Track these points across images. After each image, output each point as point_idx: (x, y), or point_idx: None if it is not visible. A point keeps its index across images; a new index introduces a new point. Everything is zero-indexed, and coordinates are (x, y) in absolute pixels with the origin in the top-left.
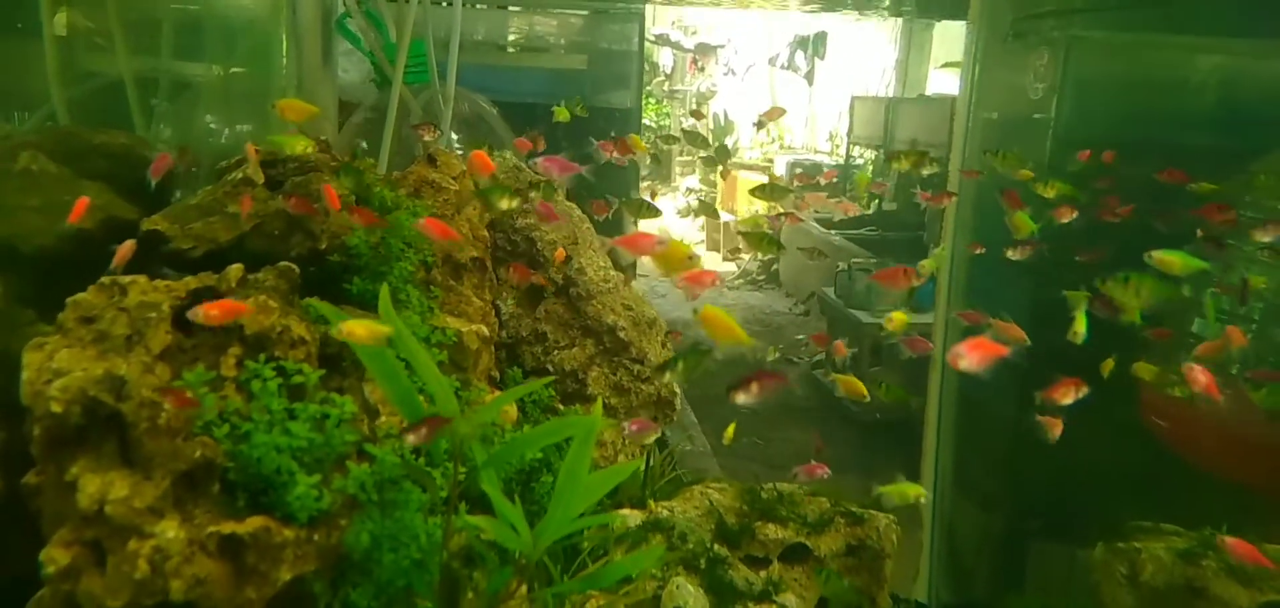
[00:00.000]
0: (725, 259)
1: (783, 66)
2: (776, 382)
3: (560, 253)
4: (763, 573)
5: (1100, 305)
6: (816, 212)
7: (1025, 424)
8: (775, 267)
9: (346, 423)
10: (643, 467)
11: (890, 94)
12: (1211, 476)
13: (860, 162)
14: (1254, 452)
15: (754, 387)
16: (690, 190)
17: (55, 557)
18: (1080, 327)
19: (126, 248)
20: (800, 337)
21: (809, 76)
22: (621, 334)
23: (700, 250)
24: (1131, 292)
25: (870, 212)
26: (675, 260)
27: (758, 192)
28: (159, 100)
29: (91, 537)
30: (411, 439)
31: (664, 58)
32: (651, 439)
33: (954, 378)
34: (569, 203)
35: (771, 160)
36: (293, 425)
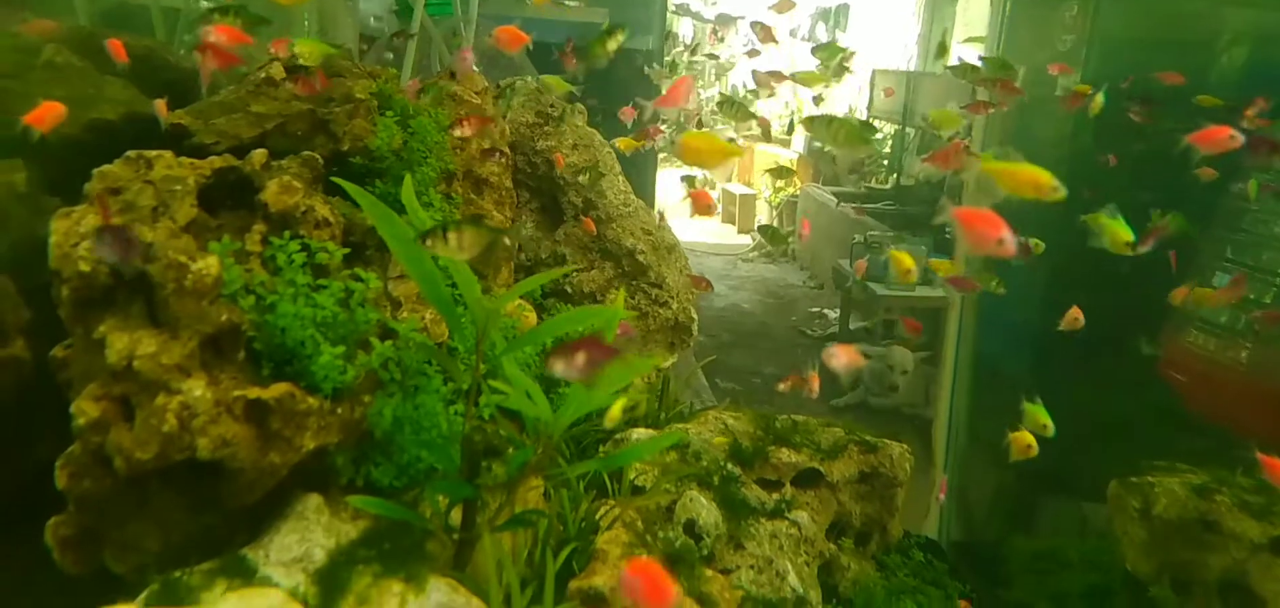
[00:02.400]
0: (740, 232)
1: (804, 39)
2: (604, 354)
3: (559, 158)
4: (775, 495)
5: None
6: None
7: (1040, 384)
8: (791, 239)
9: (370, 302)
10: (660, 389)
11: (912, 68)
12: (1228, 431)
13: (880, 135)
14: (1274, 405)
15: (579, 357)
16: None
17: (85, 409)
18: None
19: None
20: (814, 309)
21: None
22: (640, 258)
23: (716, 223)
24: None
25: (888, 186)
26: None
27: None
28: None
29: (120, 392)
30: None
31: (684, 28)
32: (669, 364)
33: (970, 338)
34: (591, 128)
35: (790, 133)
36: (318, 297)
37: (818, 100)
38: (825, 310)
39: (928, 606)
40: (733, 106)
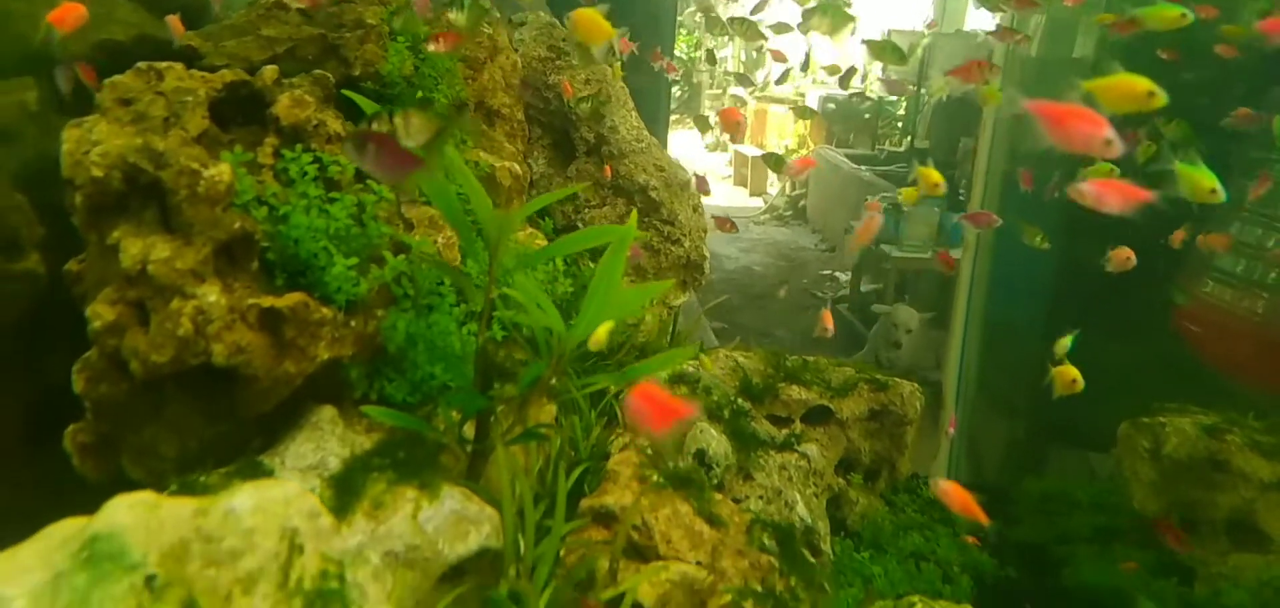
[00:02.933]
0: (752, 195)
1: None
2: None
3: (567, 87)
4: (785, 431)
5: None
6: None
7: (1050, 339)
8: (802, 202)
9: (383, 218)
10: (671, 327)
11: (927, 29)
12: (1242, 385)
13: (893, 97)
14: None
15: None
16: (716, 125)
17: (101, 312)
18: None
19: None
20: (825, 272)
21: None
22: (653, 194)
23: (727, 186)
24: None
25: (902, 149)
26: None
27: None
28: None
29: (135, 297)
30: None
31: None
32: (679, 303)
33: (981, 297)
34: (602, 65)
35: (803, 94)
36: (331, 209)
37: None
38: (836, 273)
39: (935, 542)
40: (744, 26)
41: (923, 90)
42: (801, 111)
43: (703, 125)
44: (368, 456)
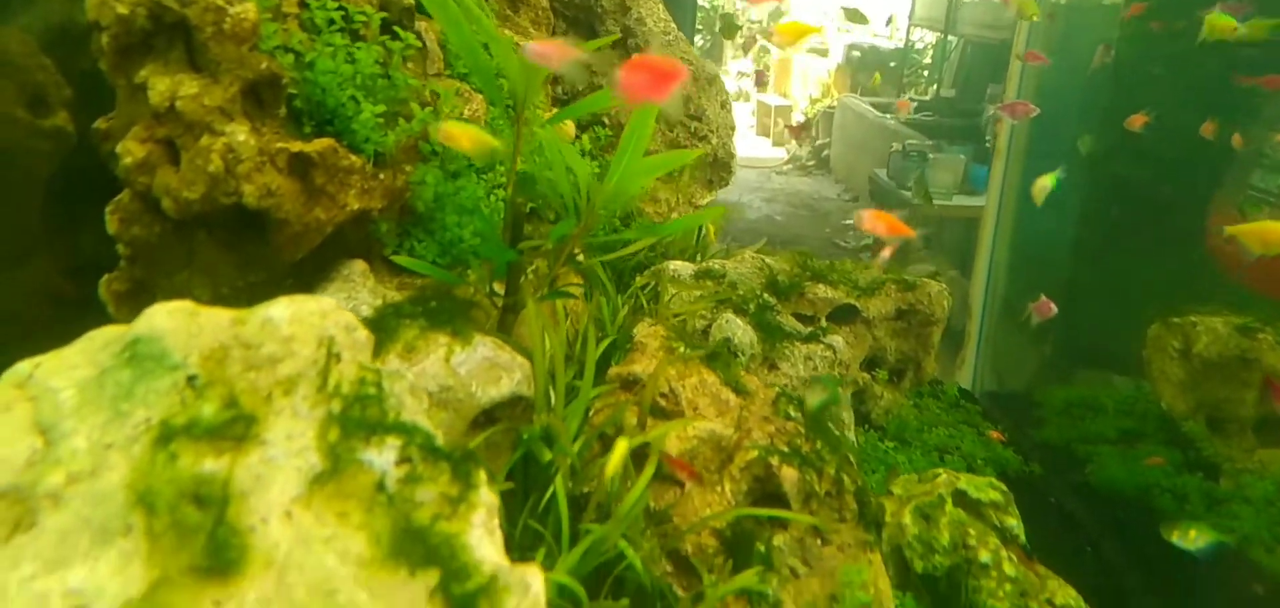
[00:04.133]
0: (774, 145)
1: None
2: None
3: None
4: (811, 327)
5: None
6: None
7: (1079, 273)
8: (825, 152)
9: (409, 63)
10: (696, 229)
11: None
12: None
13: (920, 46)
14: None
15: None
16: (741, 74)
17: (131, 149)
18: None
19: None
20: (848, 222)
21: None
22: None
23: (750, 135)
24: None
25: (928, 98)
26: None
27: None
28: None
29: (164, 134)
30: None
31: None
32: (707, 201)
33: (1009, 223)
34: None
35: (828, 45)
36: (358, 55)
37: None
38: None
39: (960, 438)
40: None
41: (950, 38)
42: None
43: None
44: (399, 305)
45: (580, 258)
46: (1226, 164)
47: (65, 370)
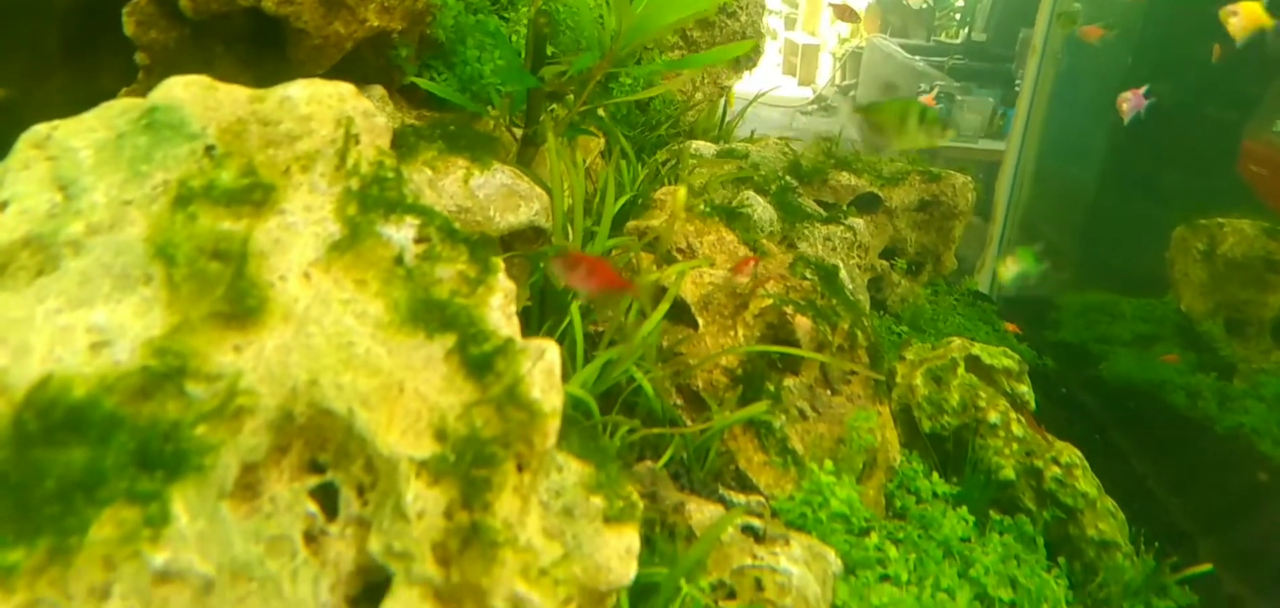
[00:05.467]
0: (801, 84)
1: None
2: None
3: None
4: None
5: None
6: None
7: (1104, 199)
8: (853, 93)
9: None
10: (720, 114)
11: None
12: None
13: None
14: None
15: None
16: (770, 11)
17: None
18: None
19: None
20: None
21: None
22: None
23: (776, 75)
24: None
25: (958, 41)
26: None
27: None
28: None
29: None
30: None
31: None
32: (734, 84)
33: (1033, 149)
34: None
35: None
36: None
37: None
38: None
39: (974, 330)
40: None
41: None
42: None
43: None
44: (417, 126)
45: (601, 113)
46: (1262, 88)
47: (83, 132)
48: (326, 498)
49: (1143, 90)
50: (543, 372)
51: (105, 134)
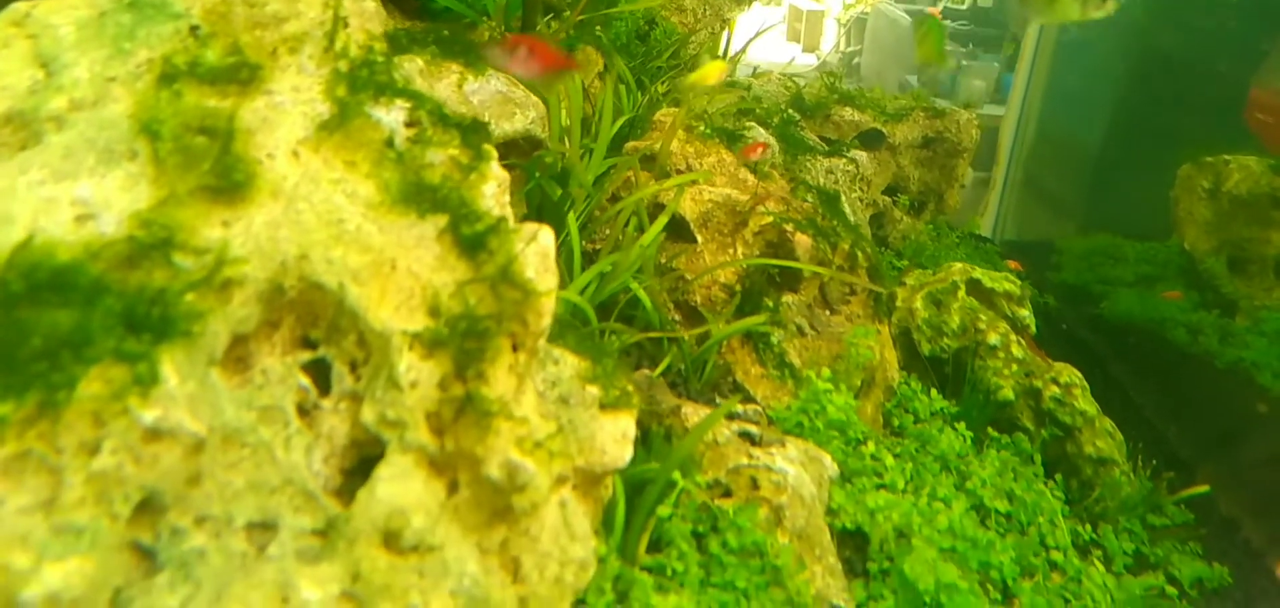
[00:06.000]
0: (805, 51)
1: None
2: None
3: None
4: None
5: None
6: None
7: (1109, 151)
8: (857, 60)
9: None
10: (722, 49)
11: None
12: None
13: None
14: None
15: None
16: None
17: None
18: None
19: None
20: None
21: None
22: None
23: (780, 41)
24: None
25: (965, 6)
26: None
27: None
28: None
29: None
30: None
31: None
32: (737, 15)
33: (1037, 103)
34: None
35: None
36: None
37: None
38: None
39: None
40: None
41: None
42: None
43: None
44: (411, 29)
45: (599, 33)
46: (1269, 38)
47: (64, 9)
48: (320, 375)
49: None
50: (537, 253)
51: (87, 12)
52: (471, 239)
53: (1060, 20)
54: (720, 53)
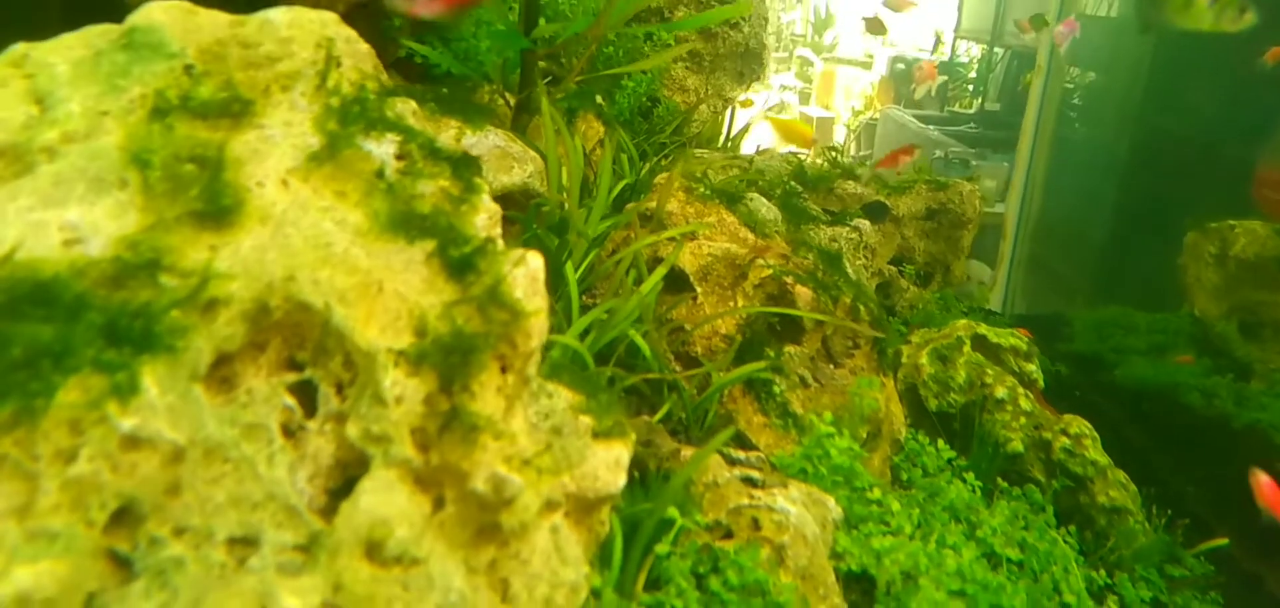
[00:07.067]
0: (816, 157)
1: None
2: None
3: None
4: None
5: None
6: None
7: (1116, 235)
8: (868, 162)
9: None
10: (725, 128)
11: None
12: None
13: (965, 59)
14: None
15: None
16: (784, 87)
17: None
18: None
19: None
20: None
21: None
22: None
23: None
24: None
25: (971, 111)
26: None
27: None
28: None
29: None
30: None
31: None
32: (737, 94)
33: (1038, 196)
34: None
35: (872, 57)
36: None
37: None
38: None
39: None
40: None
41: (996, 50)
42: None
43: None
44: (410, 88)
45: (600, 101)
46: (1272, 118)
47: (61, 50)
48: (306, 397)
49: (1072, 17)
50: (525, 275)
51: (83, 51)
52: (459, 261)
53: (1193, 28)
54: (722, 134)
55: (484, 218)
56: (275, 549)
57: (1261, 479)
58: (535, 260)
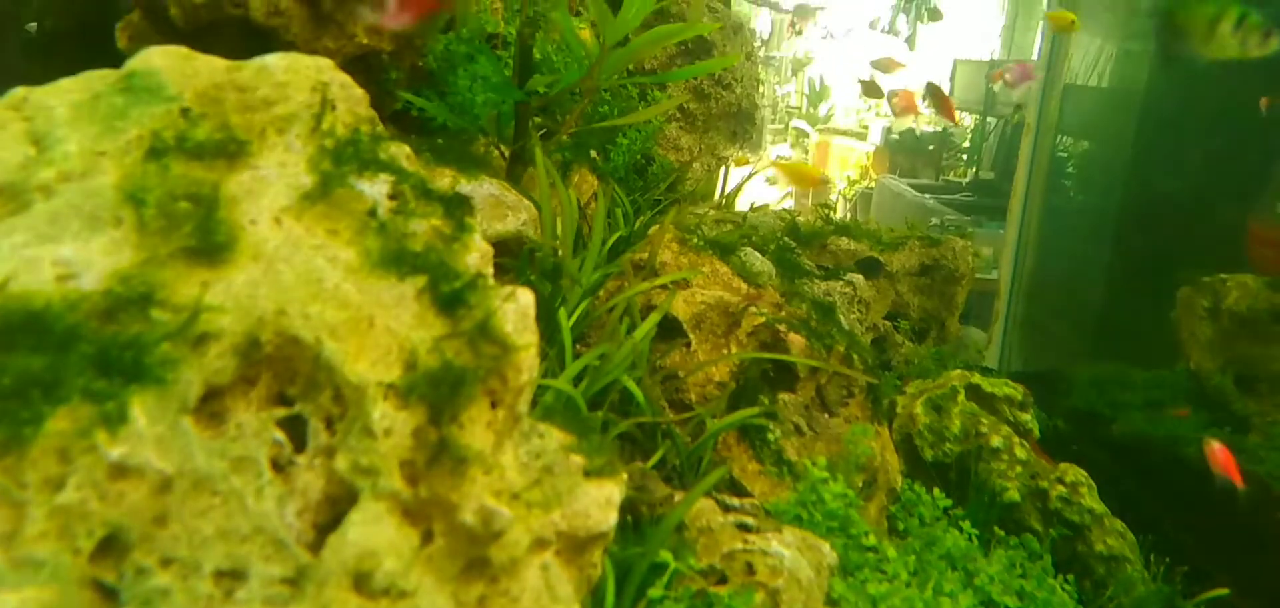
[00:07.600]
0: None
1: (883, 30)
2: None
3: None
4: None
5: None
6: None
7: (1109, 297)
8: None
9: None
10: (719, 185)
11: (994, 58)
12: None
13: (957, 129)
14: None
15: None
16: (780, 158)
17: None
18: None
19: None
20: None
21: (910, 41)
22: (706, 36)
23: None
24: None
25: (966, 179)
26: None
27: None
28: None
29: None
30: None
31: (762, 22)
32: (730, 153)
33: (1031, 255)
34: None
35: (866, 127)
36: None
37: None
38: None
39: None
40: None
41: (989, 119)
42: None
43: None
44: (405, 139)
45: (595, 156)
46: (1266, 172)
47: (60, 93)
48: (296, 433)
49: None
50: (515, 310)
51: (81, 95)
52: (450, 296)
53: (1218, 57)
54: (717, 191)
55: (476, 257)
56: (263, 582)
57: (1214, 446)
58: (525, 296)
